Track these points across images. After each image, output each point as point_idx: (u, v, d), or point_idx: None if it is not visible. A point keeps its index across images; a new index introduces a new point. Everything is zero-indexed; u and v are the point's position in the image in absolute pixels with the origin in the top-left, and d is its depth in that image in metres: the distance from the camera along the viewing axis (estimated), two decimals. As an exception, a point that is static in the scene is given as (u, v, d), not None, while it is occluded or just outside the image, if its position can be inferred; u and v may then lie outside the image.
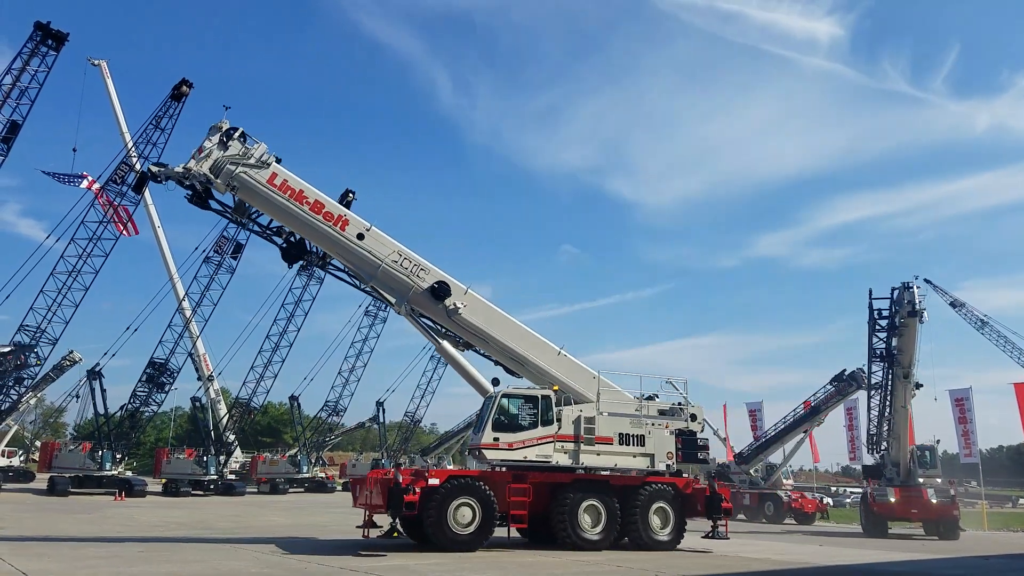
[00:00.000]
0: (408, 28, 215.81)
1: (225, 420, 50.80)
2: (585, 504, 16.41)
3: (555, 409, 17.03)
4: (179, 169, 16.47)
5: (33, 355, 40.29)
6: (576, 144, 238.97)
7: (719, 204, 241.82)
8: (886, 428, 29.67)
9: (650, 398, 18.34)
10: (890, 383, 29.12)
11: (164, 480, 44.40)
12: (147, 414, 43.39)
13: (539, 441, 16.69)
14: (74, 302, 38.56)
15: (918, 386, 31.82)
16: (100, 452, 40.47)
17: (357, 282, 18.30)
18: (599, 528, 16.44)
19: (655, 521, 16.94)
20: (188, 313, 45.25)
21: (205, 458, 44.54)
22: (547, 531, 16.68)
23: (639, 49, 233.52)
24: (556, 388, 17.32)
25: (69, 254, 38.22)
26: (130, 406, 42.91)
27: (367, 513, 16.30)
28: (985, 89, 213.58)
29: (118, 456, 41.42)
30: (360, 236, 16.94)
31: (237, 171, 16.38)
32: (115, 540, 15.42)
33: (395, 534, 15.34)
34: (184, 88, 39.14)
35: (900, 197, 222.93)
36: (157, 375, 42.91)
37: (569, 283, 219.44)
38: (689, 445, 17.73)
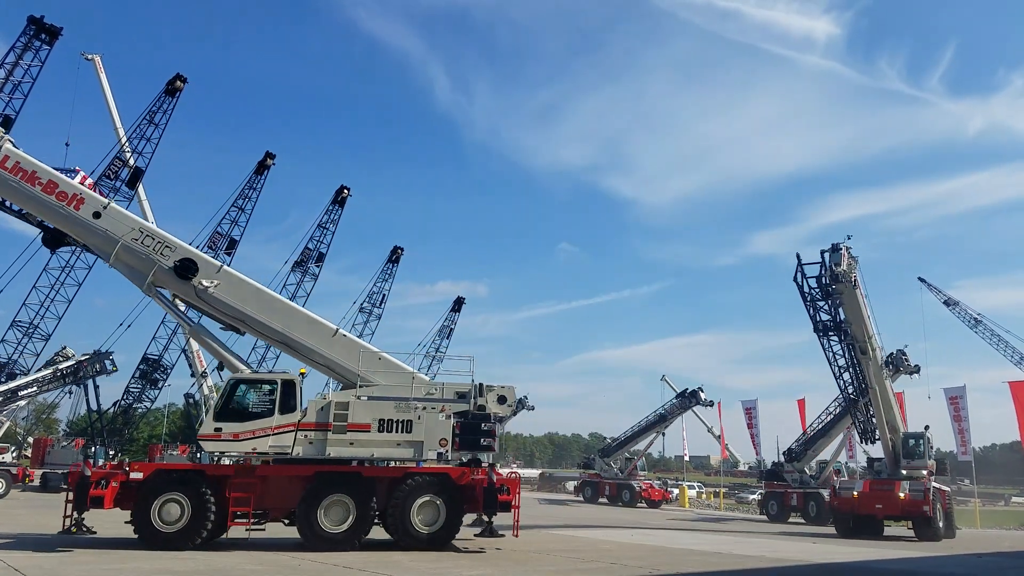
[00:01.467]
0: (406, 25, 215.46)
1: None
2: (329, 500, 14.85)
3: (300, 396, 15.76)
4: None
5: (109, 361, 40.56)
6: (574, 142, 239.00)
7: (717, 202, 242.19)
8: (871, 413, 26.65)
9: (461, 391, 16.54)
10: (859, 370, 25.98)
11: None
12: (140, 410, 43.29)
13: (276, 431, 15.32)
14: (67, 298, 38.46)
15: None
16: (93, 448, 40.32)
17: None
18: (345, 526, 14.80)
19: (420, 516, 15.11)
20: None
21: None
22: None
23: (638, 47, 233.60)
24: (303, 372, 16.26)
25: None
26: (123, 402, 42.80)
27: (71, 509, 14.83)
28: (981, 88, 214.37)
29: (111, 452, 41.28)
30: (96, 215, 16.18)
31: None
32: (107, 536, 15.30)
33: (74, 530, 14.42)
34: (178, 83, 39.03)
35: (896, 196, 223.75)
36: (150, 371, 42.81)
37: (567, 281, 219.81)
38: (469, 430, 15.99)
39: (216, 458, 16.16)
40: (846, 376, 26.18)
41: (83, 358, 40.69)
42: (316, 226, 49.16)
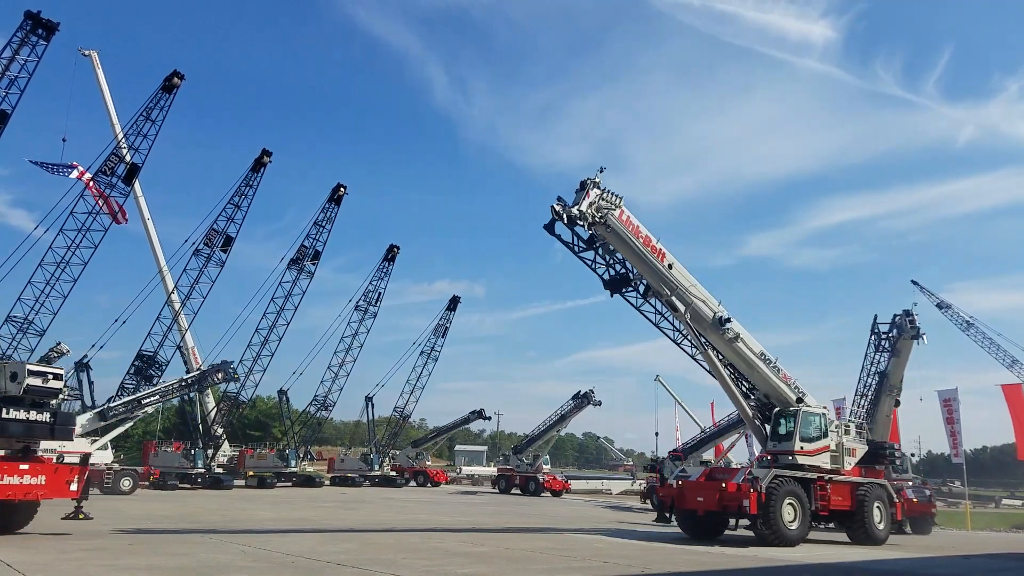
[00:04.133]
0: (405, 24, 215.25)
1: (213, 414, 50.56)
2: None
3: None
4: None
5: (232, 369, 41.88)
6: (571, 142, 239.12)
7: (713, 204, 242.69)
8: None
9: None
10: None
11: None
12: (135, 407, 43.11)
13: None
14: (62, 293, 38.31)
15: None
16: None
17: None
18: None
19: None
20: (177, 306, 45.02)
21: (193, 452, 44.32)
22: None
23: (636, 48, 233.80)
24: None
25: (58, 245, 37.96)
26: (118, 399, 42.65)
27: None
28: (976, 93, 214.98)
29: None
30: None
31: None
32: (100, 533, 15.38)
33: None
34: (175, 80, 38.89)
35: (891, 199, 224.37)
36: (145, 368, 42.66)
37: (563, 280, 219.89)
38: None
39: None
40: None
41: (207, 367, 41.92)
42: (313, 224, 49.12)
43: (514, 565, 13.17)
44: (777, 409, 21.56)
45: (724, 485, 19.25)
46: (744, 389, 22.01)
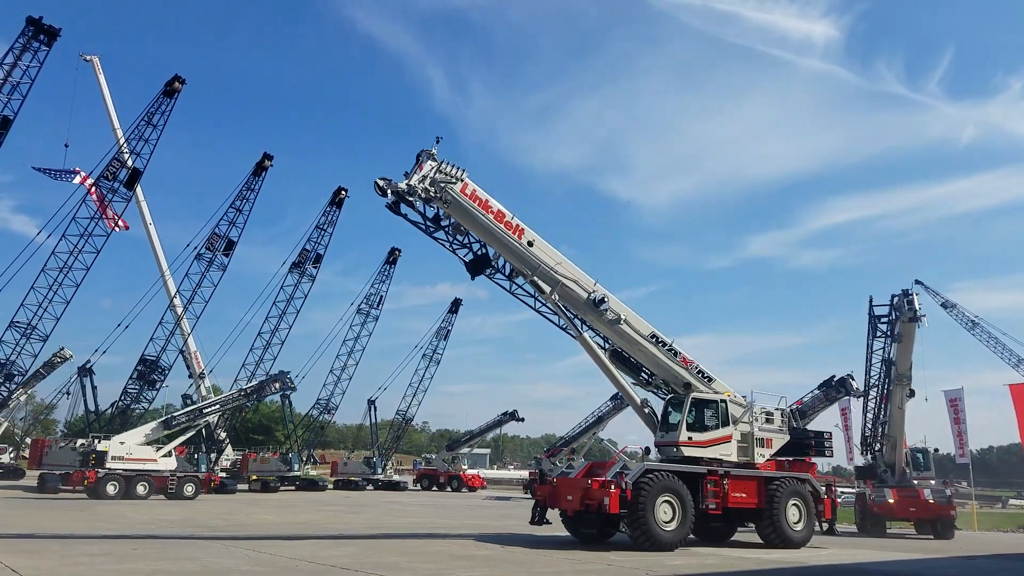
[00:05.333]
0: (403, 25, 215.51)
1: (217, 418, 50.60)
2: None
3: None
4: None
5: (289, 379, 42.35)
6: (571, 143, 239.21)
7: (712, 205, 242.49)
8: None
9: None
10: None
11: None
12: (138, 411, 43.16)
13: None
14: (65, 299, 38.39)
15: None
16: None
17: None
18: None
19: None
20: (179, 310, 45.05)
21: (196, 456, 44.33)
22: None
23: (636, 49, 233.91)
24: None
25: (60, 250, 38.05)
26: (121, 403, 42.70)
27: None
28: (979, 92, 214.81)
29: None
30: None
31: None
32: (106, 537, 15.34)
33: None
34: (176, 84, 39.02)
35: (891, 199, 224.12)
36: (148, 372, 42.74)
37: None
38: None
39: None
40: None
41: (265, 378, 43.22)
42: (314, 227, 49.21)
43: (518, 568, 13.12)
44: (669, 396, 19.90)
45: (589, 482, 17.55)
46: (645, 377, 20.16)
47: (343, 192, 49.57)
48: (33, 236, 37.57)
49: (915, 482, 29.45)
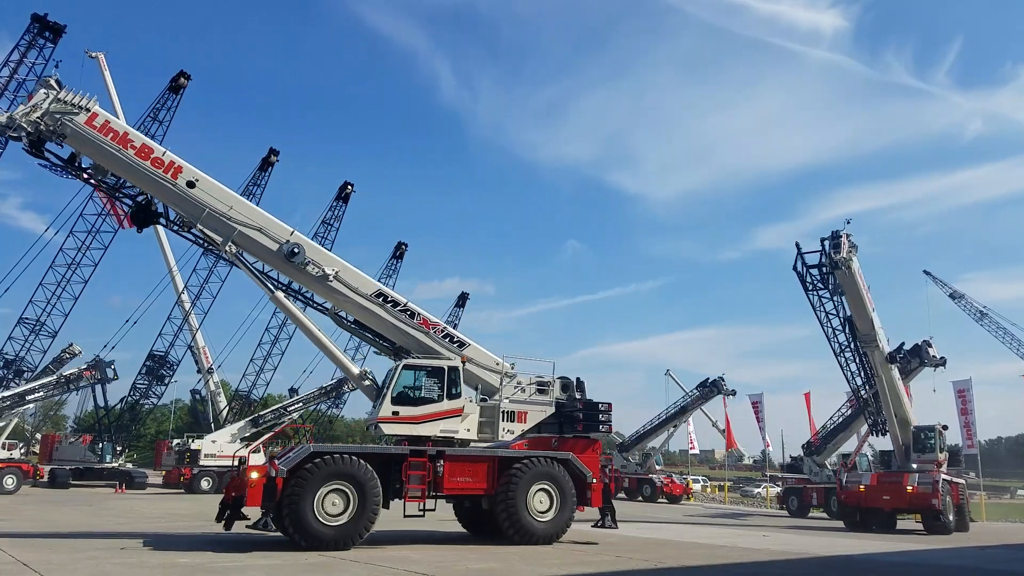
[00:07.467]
0: (411, 21, 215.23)
1: (225, 412, 50.82)
2: None
3: None
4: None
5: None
6: (579, 138, 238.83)
7: (721, 197, 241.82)
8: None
9: None
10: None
11: (164, 472, 44.42)
12: (147, 406, 43.51)
13: None
14: (73, 295, 38.65)
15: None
16: (100, 444, 40.52)
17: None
18: None
19: None
20: (187, 306, 45.26)
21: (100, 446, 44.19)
22: None
23: (643, 43, 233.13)
24: None
25: (68, 247, 38.27)
26: (130, 398, 43.01)
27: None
28: (988, 82, 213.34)
29: (118, 448, 41.46)
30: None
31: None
32: (116, 532, 15.42)
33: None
34: (182, 80, 39.11)
35: (901, 190, 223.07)
36: (157, 367, 43.01)
37: (571, 276, 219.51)
38: None
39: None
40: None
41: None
42: (320, 222, 49.30)
43: (526, 561, 13.13)
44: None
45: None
46: (387, 345, 17.26)
47: (349, 187, 49.65)
48: (41, 233, 37.78)
49: (914, 466, 25.40)
